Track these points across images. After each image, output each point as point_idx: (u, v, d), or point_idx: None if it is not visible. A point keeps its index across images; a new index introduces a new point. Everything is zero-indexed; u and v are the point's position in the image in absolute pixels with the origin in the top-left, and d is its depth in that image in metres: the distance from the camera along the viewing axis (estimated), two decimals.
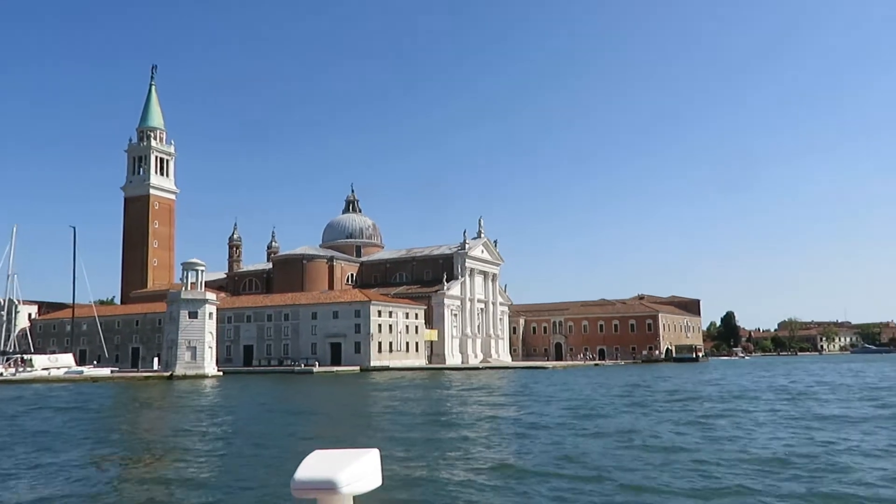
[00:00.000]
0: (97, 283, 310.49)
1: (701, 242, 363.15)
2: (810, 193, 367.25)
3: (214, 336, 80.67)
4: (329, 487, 2.66)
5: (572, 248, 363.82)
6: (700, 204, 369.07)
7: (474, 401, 39.42)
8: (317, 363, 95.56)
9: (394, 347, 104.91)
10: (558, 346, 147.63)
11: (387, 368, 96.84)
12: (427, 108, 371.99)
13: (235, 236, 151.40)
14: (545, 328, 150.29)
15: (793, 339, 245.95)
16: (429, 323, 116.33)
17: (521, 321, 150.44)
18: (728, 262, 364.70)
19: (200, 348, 76.38)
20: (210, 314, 79.17)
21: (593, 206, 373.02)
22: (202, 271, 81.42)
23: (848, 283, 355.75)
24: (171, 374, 73.88)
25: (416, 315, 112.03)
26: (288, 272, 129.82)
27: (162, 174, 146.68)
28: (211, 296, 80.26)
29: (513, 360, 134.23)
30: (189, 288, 79.06)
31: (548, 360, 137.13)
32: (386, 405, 38.62)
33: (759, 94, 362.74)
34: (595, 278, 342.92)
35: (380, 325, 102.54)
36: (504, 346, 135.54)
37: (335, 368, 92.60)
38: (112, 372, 79.83)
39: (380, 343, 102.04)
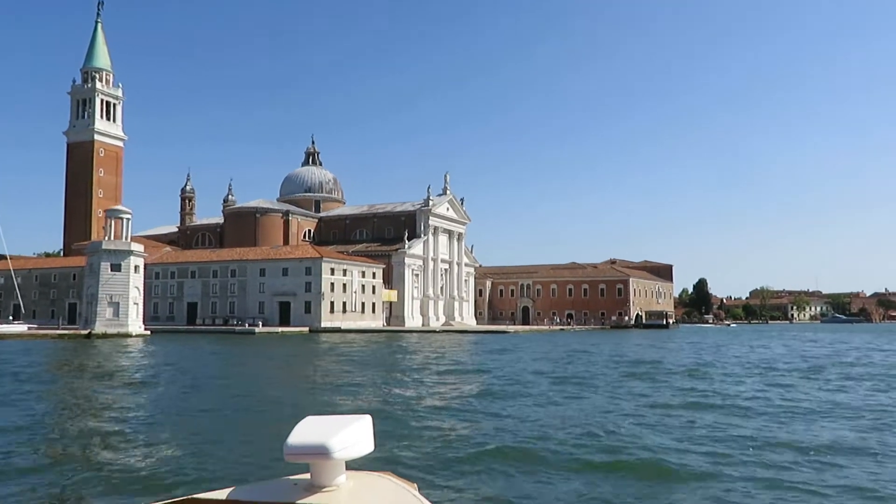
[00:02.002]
0: (40, 236, 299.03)
1: (675, 208, 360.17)
2: (784, 164, 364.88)
3: (141, 291, 73.37)
4: (321, 453, 2.73)
5: (544, 210, 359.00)
6: (675, 170, 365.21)
7: (379, 369, 33.20)
8: (260, 323, 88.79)
9: (348, 308, 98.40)
10: (526, 309, 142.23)
11: (338, 330, 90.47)
12: (397, 66, 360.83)
13: (188, 188, 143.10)
14: (513, 291, 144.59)
15: (764, 308, 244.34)
16: (388, 283, 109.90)
17: (488, 283, 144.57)
18: (701, 228, 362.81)
19: (124, 304, 69.08)
20: (136, 267, 71.70)
21: (566, 170, 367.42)
22: (128, 220, 73.56)
23: (820, 253, 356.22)
24: (90, 333, 66.68)
25: (374, 274, 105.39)
26: (240, 227, 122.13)
27: (108, 119, 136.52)
28: (137, 247, 72.64)
29: (478, 324, 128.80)
30: (113, 237, 71.32)
31: (515, 323, 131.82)
32: (287, 373, 32.23)
33: (733, 65, 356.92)
34: (567, 242, 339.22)
35: (332, 284, 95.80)
36: (469, 308, 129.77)
37: (281, 329, 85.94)
38: (29, 329, 72.49)
39: (332, 303, 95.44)
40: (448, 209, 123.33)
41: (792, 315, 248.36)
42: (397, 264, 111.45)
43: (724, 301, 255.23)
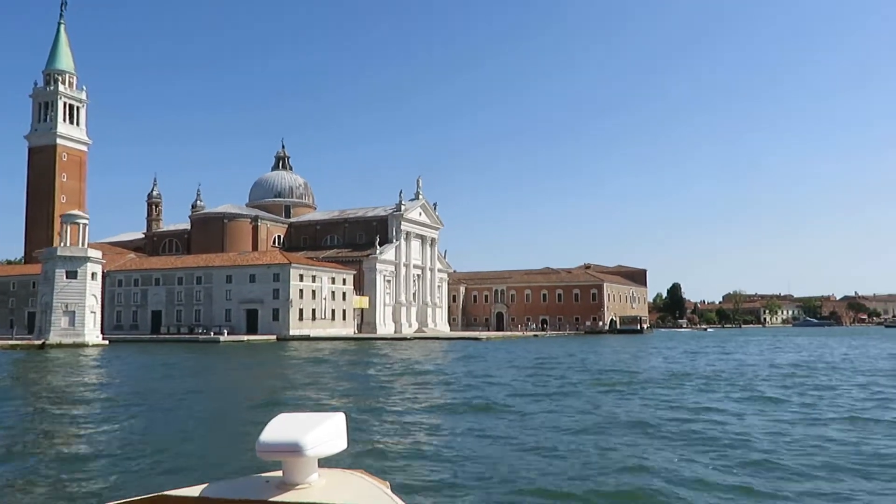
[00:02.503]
0: (0, 243, 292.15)
1: (649, 213, 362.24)
2: (756, 168, 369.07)
3: (98, 299, 70.63)
4: (294, 450, 2.71)
5: (518, 215, 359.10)
6: (649, 175, 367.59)
7: (334, 379, 31.45)
8: (225, 331, 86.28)
9: (317, 315, 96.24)
10: (500, 315, 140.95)
11: (307, 338, 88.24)
12: (369, 71, 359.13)
13: (155, 193, 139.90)
14: (486, 297, 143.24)
15: (737, 312, 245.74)
16: (359, 289, 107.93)
17: (462, 289, 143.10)
18: (675, 233, 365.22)
19: (80, 313, 66.31)
20: (94, 274, 68.97)
21: (541, 175, 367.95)
22: (85, 224, 70.83)
23: (791, 257, 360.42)
24: (44, 343, 63.83)
25: (345, 280, 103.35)
26: (207, 233, 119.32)
27: (72, 123, 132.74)
28: (95, 253, 69.90)
29: (451, 330, 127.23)
30: (69, 243, 68.55)
31: (489, 329, 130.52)
32: (235, 386, 30.35)
33: (708, 71, 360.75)
34: (541, 247, 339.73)
35: (301, 291, 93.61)
36: (442, 314, 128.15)
37: (247, 337, 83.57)
38: None
39: (301, 310, 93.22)
40: (421, 214, 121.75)
41: (764, 319, 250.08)
42: (369, 270, 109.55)
43: (698, 305, 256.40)
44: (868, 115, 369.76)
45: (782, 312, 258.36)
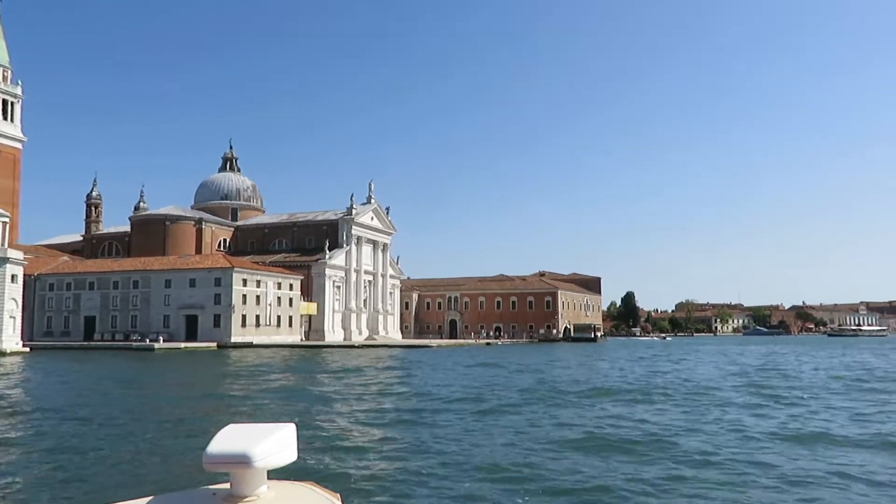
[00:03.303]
0: None
1: (603, 222, 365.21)
2: (707, 178, 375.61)
3: (19, 303, 65.81)
4: (242, 461, 2.65)
5: (473, 223, 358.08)
6: (604, 184, 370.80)
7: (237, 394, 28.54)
8: (161, 338, 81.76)
9: (262, 321, 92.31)
10: (453, 322, 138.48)
11: (250, 345, 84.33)
12: (321, 73, 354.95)
13: (94, 194, 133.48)
14: (440, 304, 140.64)
15: (689, 320, 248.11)
16: (308, 295, 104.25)
17: (415, 296, 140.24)
18: (629, 242, 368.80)
19: None
20: (14, 276, 64.22)
21: (496, 183, 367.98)
22: (4, 223, 65.97)
23: (742, 267, 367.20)
24: None
25: (292, 286, 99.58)
26: (148, 235, 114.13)
27: (5, 118, 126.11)
28: (15, 254, 65.15)
29: (403, 338, 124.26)
30: None
31: (442, 337, 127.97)
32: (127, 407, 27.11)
33: (663, 79, 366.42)
34: (496, 255, 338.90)
35: (245, 296, 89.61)
36: (394, 322, 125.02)
37: (184, 344, 79.32)
38: None
39: (244, 316, 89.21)
40: (372, 218, 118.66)
41: (716, 328, 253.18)
42: (317, 275, 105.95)
43: (651, 314, 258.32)
44: (816, 128, 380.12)
45: (733, 321, 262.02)
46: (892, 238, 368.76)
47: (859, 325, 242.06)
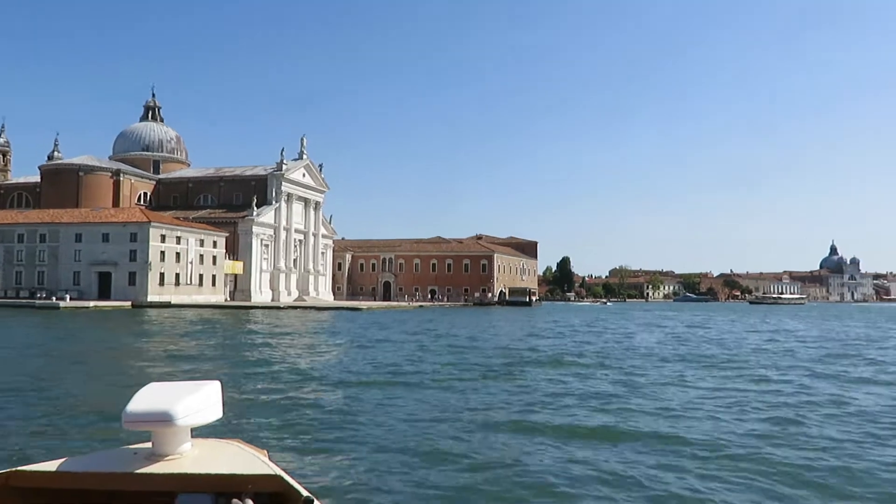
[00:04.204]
0: None
1: (542, 186, 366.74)
2: (642, 147, 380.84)
3: None
4: (163, 419, 2.62)
5: (409, 184, 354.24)
6: (541, 149, 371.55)
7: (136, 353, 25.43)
8: (68, 297, 76.15)
9: (182, 280, 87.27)
10: (387, 284, 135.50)
11: (168, 305, 79.48)
12: (253, 17, 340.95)
13: (2, 140, 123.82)
14: (374, 265, 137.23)
15: (622, 286, 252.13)
16: (234, 253, 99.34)
17: (348, 257, 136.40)
18: (567, 207, 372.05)
19: None
20: None
21: (434, 146, 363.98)
22: None
23: (673, 234, 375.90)
24: None
25: (215, 243, 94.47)
26: (60, 187, 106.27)
27: None
28: None
29: (336, 299, 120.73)
30: None
31: (376, 299, 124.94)
32: None
33: (599, 45, 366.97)
34: (433, 217, 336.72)
35: (163, 253, 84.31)
36: (326, 283, 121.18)
37: (93, 303, 73.96)
38: None
39: (162, 274, 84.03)
40: (304, 175, 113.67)
41: (647, 294, 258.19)
42: (244, 233, 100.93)
43: (586, 279, 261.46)
44: (749, 97, 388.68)
45: (664, 288, 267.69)
46: (815, 210, 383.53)
47: (780, 293, 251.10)
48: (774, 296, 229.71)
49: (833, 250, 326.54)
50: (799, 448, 11.09)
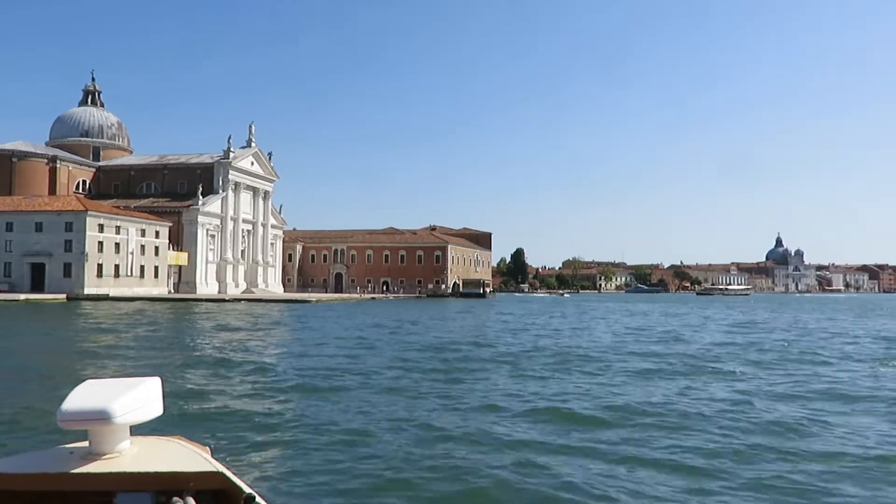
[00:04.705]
0: None
1: (496, 177, 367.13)
2: (595, 137, 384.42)
3: None
4: (100, 417, 2.55)
5: (362, 174, 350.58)
6: (496, 139, 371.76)
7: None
8: None
9: (121, 272, 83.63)
10: (339, 276, 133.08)
11: (106, 298, 76.01)
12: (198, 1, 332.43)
13: None
14: (325, 257, 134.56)
15: (575, 278, 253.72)
16: (178, 244, 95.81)
17: (299, 248, 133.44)
18: (520, 199, 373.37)
19: None
20: None
21: (388, 137, 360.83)
22: None
23: (625, 226, 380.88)
24: None
25: (158, 233, 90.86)
26: None
27: None
28: None
29: (286, 291, 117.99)
30: None
31: (327, 291, 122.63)
32: None
33: (554, 39, 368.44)
34: (386, 208, 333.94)
35: (102, 243, 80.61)
36: (276, 274, 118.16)
37: (24, 296, 70.05)
38: None
39: (100, 265, 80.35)
40: (253, 163, 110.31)
41: (600, 285, 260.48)
42: (189, 223, 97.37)
43: (540, 271, 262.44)
44: (707, 98, 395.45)
45: (616, 279, 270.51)
46: (763, 203, 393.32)
47: (728, 284, 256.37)
48: (721, 287, 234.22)
49: (779, 242, 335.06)
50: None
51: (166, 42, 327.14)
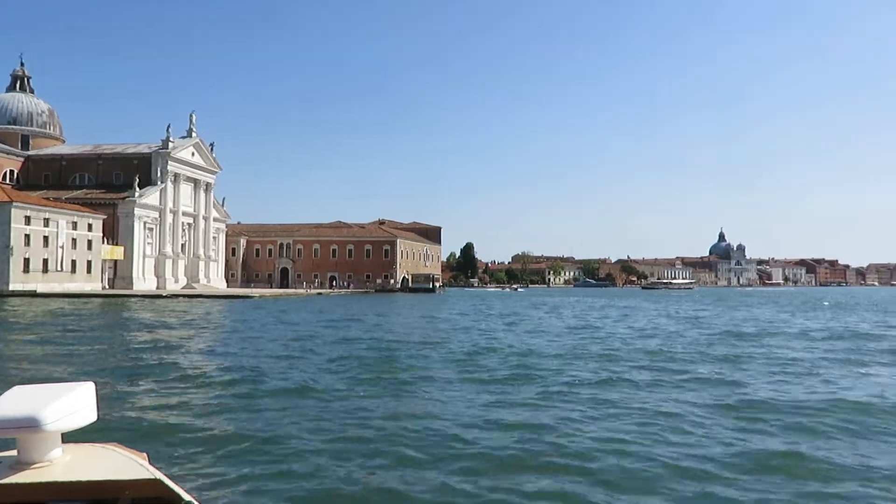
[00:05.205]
0: None
1: (446, 172, 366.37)
2: (542, 135, 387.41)
3: None
4: (29, 425, 2.48)
5: (309, 169, 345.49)
6: (446, 135, 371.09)
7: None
8: None
9: (51, 266, 79.35)
10: (285, 271, 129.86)
11: (33, 294, 71.89)
12: None
13: None
14: (270, 251, 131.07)
15: (524, 272, 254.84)
16: (114, 237, 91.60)
17: (242, 242, 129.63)
18: (470, 193, 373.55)
19: None
20: None
21: (334, 128, 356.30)
22: None
23: (574, 221, 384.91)
24: None
25: (91, 226, 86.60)
26: None
27: None
28: None
29: (229, 286, 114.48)
30: None
31: (272, 286, 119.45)
32: None
33: (495, 40, 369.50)
34: (334, 202, 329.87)
35: (28, 236, 76.28)
36: (218, 269, 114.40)
37: None
38: None
39: (27, 260, 76.04)
40: (193, 154, 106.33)
41: (549, 279, 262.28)
42: (125, 215, 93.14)
43: (489, 265, 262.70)
44: (653, 96, 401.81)
45: (565, 273, 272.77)
46: (707, 199, 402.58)
47: (672, 278, 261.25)
48: (665, 281, 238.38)
49: (721, 237, 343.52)
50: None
51: (103, 28, 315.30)
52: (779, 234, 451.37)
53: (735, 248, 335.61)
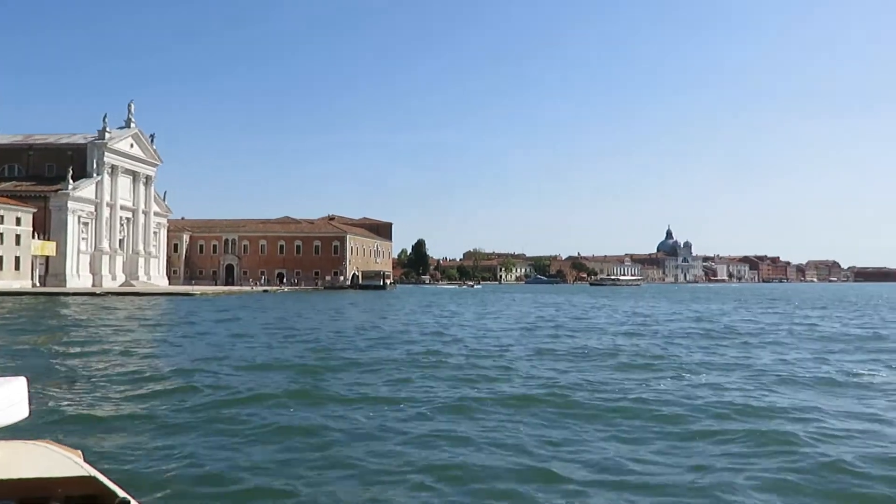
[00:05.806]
0: None
1: (397, 167, 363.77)
2: (493, 132, 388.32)
3: None
4: None
5: (256, 162, 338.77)
6: (396, 130, 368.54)
7: None
8: None
9: None
10: (230, 267, 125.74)
11: None
12: None
13: None
14: (215, 247, 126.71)
15: (476, 269, 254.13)
16: (46, 232, 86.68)
17: (185, 237, 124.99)
18: (422, 189, 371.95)
19: None
20: None
21: (283, 120, 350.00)
22: None
23: (525, 219, 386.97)
24: None
25: (19, 220, 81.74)
26: None
27: None
28: None
29: (171, 284, 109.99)
30: None
31: (217, 283, 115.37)
32: None
33: (452, 41, 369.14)
34: (282, 197, 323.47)
35: None
36: (159, 265, 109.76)
37: None
38: None
39: None
40: (132, 146, 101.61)
41: (500, 276, 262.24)
42: (57, 209, 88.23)
43: (441, 262, 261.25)
44: (607, 92, 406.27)
45: (516, 270, 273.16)
46: (654, 196, 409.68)
47: (621, 275, 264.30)
48: (613, 278, 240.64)
49: (669, 234, 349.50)
50: None
51: (41, 22, 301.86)
52: (723, 230, 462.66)
53: (682, 246, 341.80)
